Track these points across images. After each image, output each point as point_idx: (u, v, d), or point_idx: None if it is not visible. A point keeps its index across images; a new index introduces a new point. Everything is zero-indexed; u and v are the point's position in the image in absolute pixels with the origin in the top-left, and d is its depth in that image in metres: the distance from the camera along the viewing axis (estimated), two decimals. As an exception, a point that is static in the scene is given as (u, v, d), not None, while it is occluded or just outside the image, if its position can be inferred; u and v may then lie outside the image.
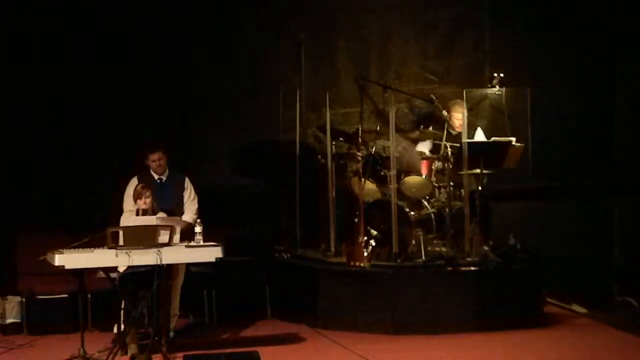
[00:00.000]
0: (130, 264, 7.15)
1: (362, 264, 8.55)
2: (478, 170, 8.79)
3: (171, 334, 7.88)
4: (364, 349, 7.71)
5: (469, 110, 9.25)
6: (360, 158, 8.99)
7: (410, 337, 8.14)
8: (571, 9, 10.05)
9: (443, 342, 7.99)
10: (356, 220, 8.78)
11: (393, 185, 8.77)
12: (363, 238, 8.65)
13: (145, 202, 7.67)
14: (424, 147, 9.26)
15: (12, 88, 9.14)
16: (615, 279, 10.13)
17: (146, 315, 7.60)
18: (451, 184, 8.93)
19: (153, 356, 7.27)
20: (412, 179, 9.03)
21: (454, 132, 9.22)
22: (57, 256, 6.96)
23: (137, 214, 7.68)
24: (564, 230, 10.01)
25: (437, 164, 9.05)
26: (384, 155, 9.06)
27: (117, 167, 9.03)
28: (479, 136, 9.24)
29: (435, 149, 9.17)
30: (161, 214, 7.77)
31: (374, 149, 9.01)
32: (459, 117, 9.16)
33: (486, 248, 8.76)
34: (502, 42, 10.09)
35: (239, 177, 9.91)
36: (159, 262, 7.10)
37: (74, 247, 7.16)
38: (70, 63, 9.24)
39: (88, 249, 7.14)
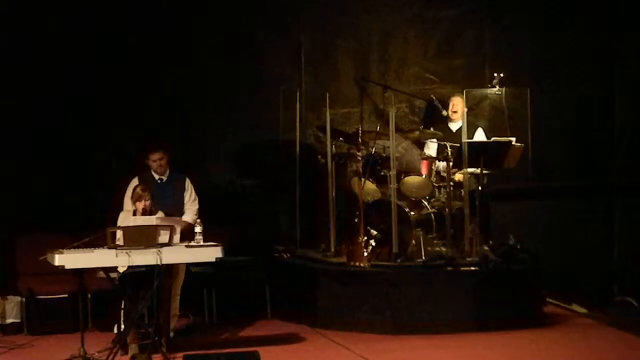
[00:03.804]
0: (130, 264, 7.14)
1: (362, 264, 8.55)
2: (478, 170, 8.80)
3: (171, 334, 7.88)
4: (364, 348, 7.71)
5: (469, 110, 9.25)
6: (360, 158, 8.99)
7: (410, 337, 8.14)
8: (571, 9, 10.05)
9: (443, 342, 7.99)
10: (356, 220, 8.79)
11: (393, 185, 8.77)
12: (363, 238, 8.65)
13: (144, 205, 7.67)
14: (432, 150, 9.26)
15: (11, 87, 9.14)
16: (615, 279, 10.12)
17: (146, 315, 7.60)
18: (451, 183, 8.93)
19: (153, 356, 7.27)
20: (412, 179, 9.03)
21: (451, 125, 9.22)
22: (57, 256, 6.95)
23: (135, 214, 7.69)
24: (563, 230, 10.01)
25: (438, 165, 9.05)
26: (384, 155, 9.06)
27: (117, 167, 9.02)
28: (479, 136, 9.26)
29: (438, 150, 9.18)
30: (160, 214, 7.77)
31: (374, 149, 9.01)
32: (455, 109, 9.19)
33: (486, 248, 8.77)
34: (502, 42, 10.09)
35: (239, 177, 9.91)
36: (159, 262, 7.10)
37: (74, 247, 7.16)
38: (70, 63, 9.23)
39: (88, 249, 7.14)
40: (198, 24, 9.64)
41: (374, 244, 8.74)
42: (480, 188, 8.85)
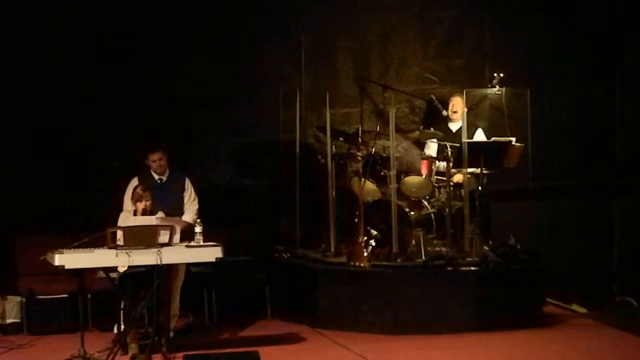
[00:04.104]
0: (130, 264, 7.14)
1: (362, 264, 8.55)
2: (478, 170, 8.80)
3: (171, 334, 7.88)
4: (364, 348, 7.71)
5: (469, 110, 9.26)
6: (360, 158, 8.99)
7: (410, 337, 8.14)
8: (571, 9, 10.05)
9: (443, 342, 7.99)
10: (356, 220, 8.79)
11: (393, 185, 8.77)
12: (363, 238, 8.65)
13: (145, 205, 7.67)
14: (432, 150, 9.26)
15: (11, 87, 9.14)
16: (615, 279, 10.12)
17: (146, 315, 7.60)
18: (451, 183, 8.93)
19: (153, 356, 7.27)
20: (412, 179, 9.03)
21: (451, 125, 9.22)
22: (57, 256, 6.95)
23: (135, 214, 7.69)
24: (563, 230, 10.01)
25: (439, 164, 9.05)
26: (384, 155, 9.06)
27: (117, 167, 9.02)
28: (479, 136, 9.26)
29: (438, 150, 9.18)
30: (160, 214, 7.77)
31: (374, 149, 9.01)
32: (455, 109, 9.20)
33: (486, 248, 8.77)
34: (502, 42, 10.09)
35: (239, 177, 9.91)
36: (159, 262, 7.10)
37: (74, 247, 7.16)
38: (70, 63, 9.23)
39: (88, 249, 7.14)
40: (198, 24, 9.64)
41: (374, 244, 8.74)
42: (480, 188, 8.85)
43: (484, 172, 8.85)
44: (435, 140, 9.19)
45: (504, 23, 10.10)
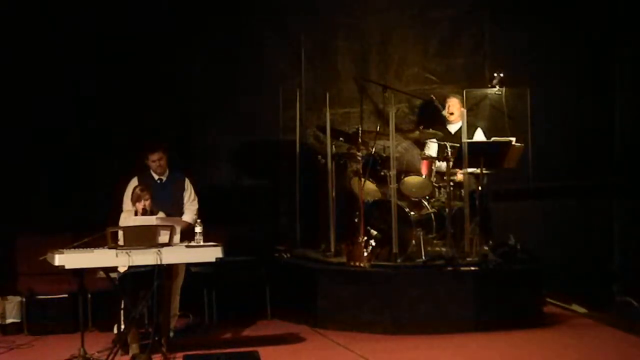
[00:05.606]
0: (131, 264, 7.15)
1: (362, 264, 8.55)
2: (478, 170, 8.80)
3: (171, 334, 7.89)
4: (364, 348, 7.71)
5: (469, 110, 9.25)
6: (360, 158, 8.99)
7: (410, 337, 8.14)
8: (571, 9, 10.05)
9: (443, 342, 7.99)
10: (356, 220, 8.79)
11: (393, 185, 8.77)
12: (363, 238, 8.66)
13: (144, 205, 7.67)
14: (432, 150, 9.26)
15: (11, 87, 9.14)
16: (615, 279, 10.12)
17: (146, 315, 7.60)
18: (451, 183, 8.93)
19: (153, 356, 7.27)
20: (412, 179, 9.03)
21: (450, 126, 9.22)
22: (57, 256, 6.96)
23: (136, 214, 7.69)
24: (563, 230, 10.00)
25: (439, 165, 9.05)
26: (384, 155, 9.07)
27: (117, 167, 9.03)
28: (479, 136, 9.26)
29: (439, 150, 9.18)
30: (160, 214, 7.77)
31: (374, 149, 9.01)
32: (452, 111, 9.20)
33: (486, 248, 8.77)
34: (502, 42, 10.08)
35: (239, 177, 9.92)
36: (159, 262, 7.10)
37: (74, 247, 7.17)
38: (70, 63, 9.23)
39: (88, 249, 7.14)
40: (198, 24, 9.64)
41: (374, 244, 8.74)
42: (480, 188, 8.85)
43: (484, 172, 8.85)
44: (435, 140, 9.19)
45: (504, 23, 10.10)
